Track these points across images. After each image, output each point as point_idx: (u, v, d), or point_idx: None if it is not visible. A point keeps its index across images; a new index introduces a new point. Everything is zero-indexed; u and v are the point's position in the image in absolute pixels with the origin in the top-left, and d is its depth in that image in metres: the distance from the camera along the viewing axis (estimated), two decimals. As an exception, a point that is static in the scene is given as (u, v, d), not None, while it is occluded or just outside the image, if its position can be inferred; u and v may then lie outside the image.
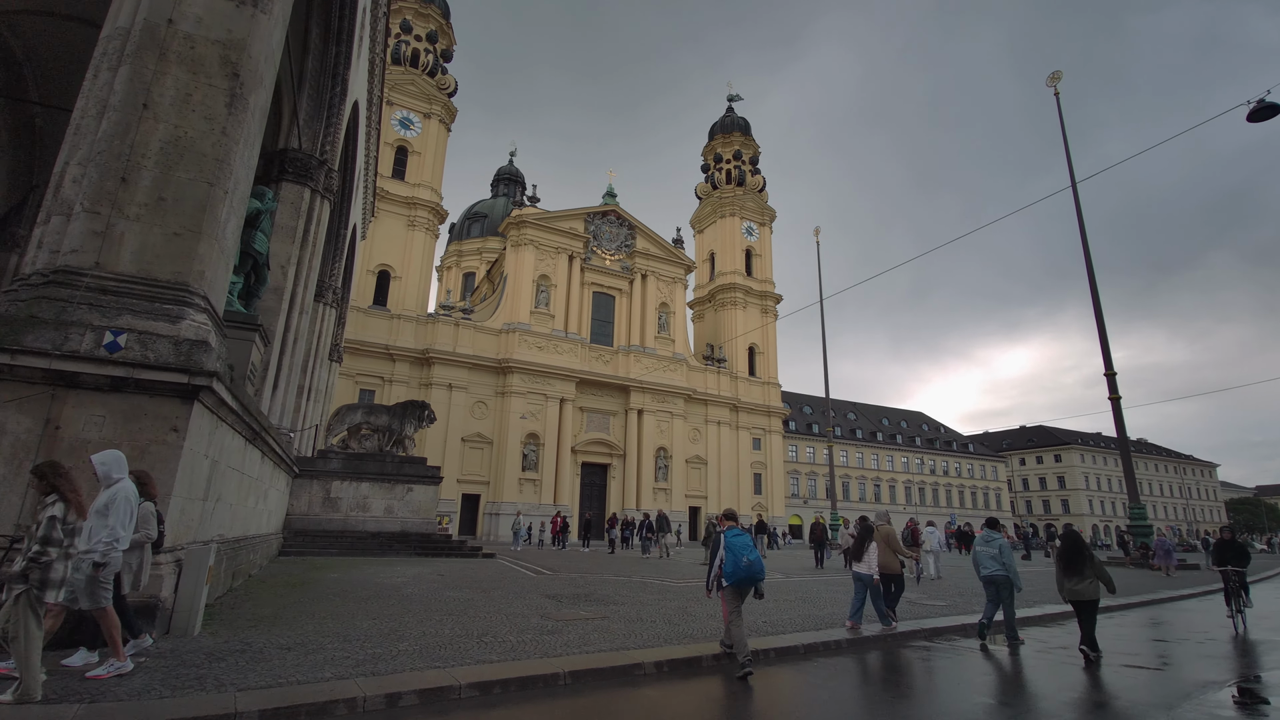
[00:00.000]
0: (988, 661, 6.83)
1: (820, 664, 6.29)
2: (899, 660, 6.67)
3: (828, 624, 7.92)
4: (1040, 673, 6.33)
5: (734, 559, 5.98)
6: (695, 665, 5.71)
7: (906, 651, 7.13)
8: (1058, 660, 6.90)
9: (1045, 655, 7.21)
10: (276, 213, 15.22)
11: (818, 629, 7.53)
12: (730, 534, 6.25)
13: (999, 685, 5.84)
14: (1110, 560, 24.97)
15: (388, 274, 44.07)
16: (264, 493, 10.90)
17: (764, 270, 62.05)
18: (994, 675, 6.23)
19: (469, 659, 5.19)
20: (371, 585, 9.35)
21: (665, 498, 49.40)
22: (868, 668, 6.28)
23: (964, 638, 8.15)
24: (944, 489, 69.09)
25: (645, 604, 8.99)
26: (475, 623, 6.77)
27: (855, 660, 6.55)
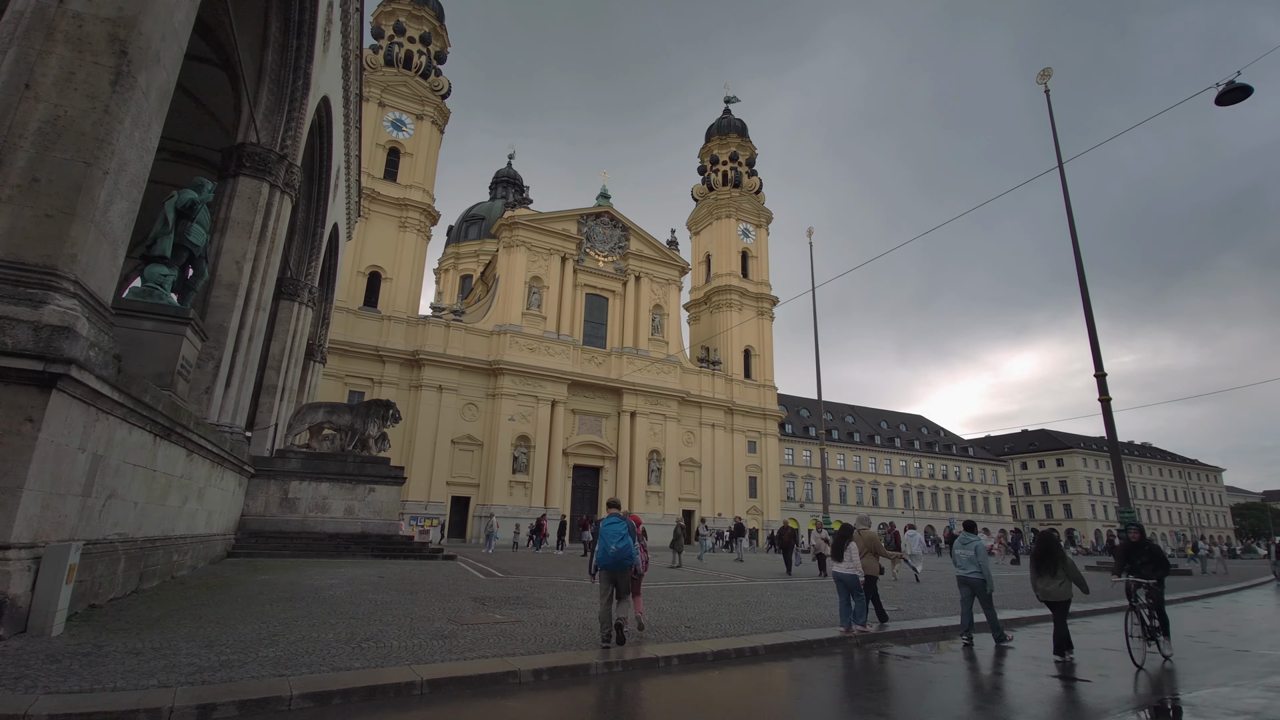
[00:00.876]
0: (921, 666, 6.42)
1: (728, 673, 5.89)
2: (813, 667, 6.27)
3: (760, 629, 7.51)
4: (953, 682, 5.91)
5: (603, 547, 6.57)
6: (579, 673, 5.33)
7: (826, 659, 6.71)
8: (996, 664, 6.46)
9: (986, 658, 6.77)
10: (234, 207, 15.09)
11: (742, 635, 7.12)
12: (605, 523, 6.82)
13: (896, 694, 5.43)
14: (1100, 565, 24.38)
15: (379, 275, 43.90)
16: (197, 492, 10.58)
17: (760, 272, 61.64)
18: (906, 683, 5.82)
19: (330, 666, 4.83)
20: (297, 588, 9.01)
21: (658, 501, 48.98)
22: (772, 676, 5.88)
23: (900, 644, 7.72)
24: (943, 493, 68.27)
25: (574, 608, 8.61)
26: (370, 628, 6.41)
27: (764, 668, 6.14)
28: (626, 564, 6.49)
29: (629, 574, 6.67)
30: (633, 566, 6.66)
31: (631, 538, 6.82)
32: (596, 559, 6.65)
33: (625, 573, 6.58)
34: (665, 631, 7.12)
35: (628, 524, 6.94)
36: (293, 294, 23.33)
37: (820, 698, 5.24)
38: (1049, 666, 6.68)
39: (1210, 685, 6.01)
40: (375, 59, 47.11)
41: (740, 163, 64.20)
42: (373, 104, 45.80)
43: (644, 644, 6.34)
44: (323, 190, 23.36)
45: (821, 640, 7.14)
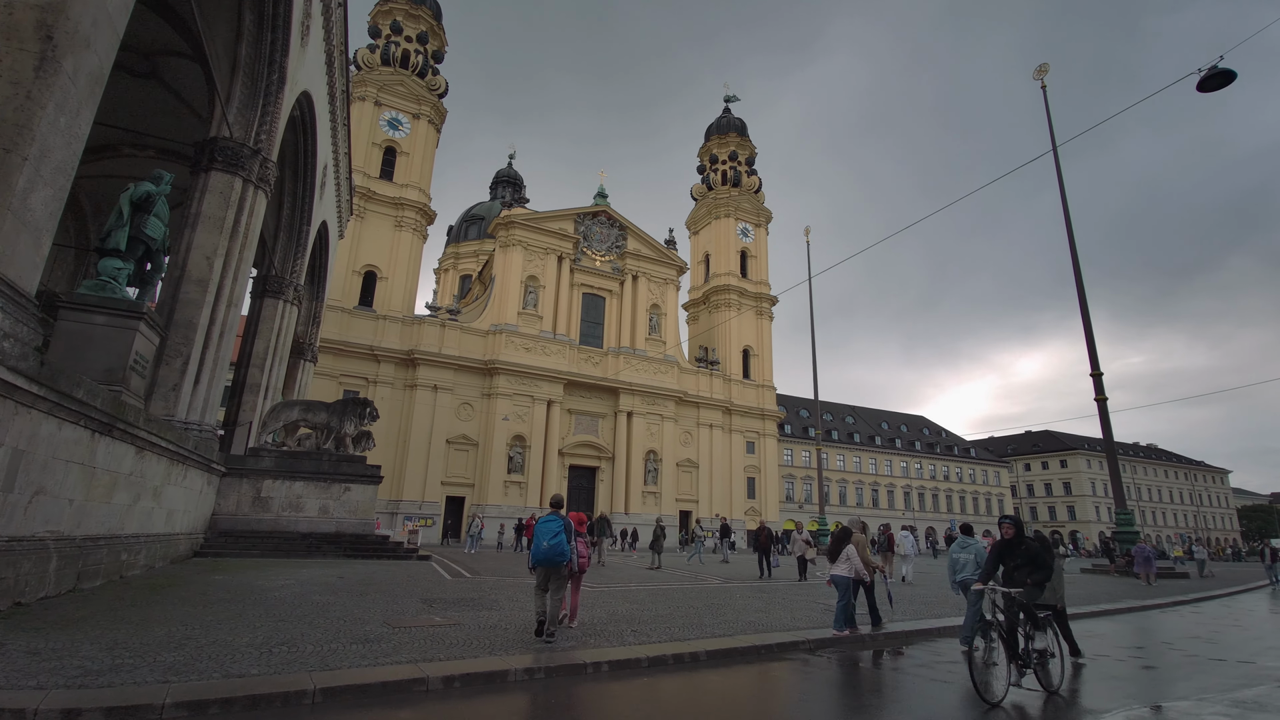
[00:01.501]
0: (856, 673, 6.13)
1: (660, 680, 5.62)
2: (755, 674, 5.99)
3: (711, 634, 7.23)
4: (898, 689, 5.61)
5: (537, 543, 6.83)
6: (495, 680, 5.06)
7: (774, 665, 6.43)
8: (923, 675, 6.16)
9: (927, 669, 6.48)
10: (205, 202, 14.92)
11: (688, 639, 6.85)
12: (541, 521, 7.05)
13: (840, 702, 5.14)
14: (1095, 568, 23.97)
15: (374, 275, 43.81)
16: (152, 490, 10.38)
17: (759, 272, 61.31)
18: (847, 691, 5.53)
19: (225, 673, 4.59)
20: (245, 589, 8.80)
21: (655, 501, 48.71)
22: (706, 683, 5.61)
23: (861, 648, 7.43)
24: (944, 494, 67.69)
25: (526, 609, 8.37)
26: (292, 631, 6.16)
27: (701, 675, 5.86)
28: (558, 560, 6.75)
29: (563, 570, 6.92)
30: (566, 563, 6.88)
31: (566, 535, 7.01)
32: (531, 555, 6.95)
33: (559, 568, 6.85)
34: (607, 635, 6.86)
35: (564, 522, 7.16)
36: (277, 292, 23.20)
37: (751, 710, 4.96)
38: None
39: (1173, 698, 5.70)
40: (372, 58, 47.10)
41: (740, 162, 63.89)
42: (369, 103, 45.79)
43: (576, 649, 6.07)
44: (308, 187, 23.20)
45: (771, 645, 6.86)
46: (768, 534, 17.35)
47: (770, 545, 16.85)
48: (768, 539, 17.09)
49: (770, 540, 17.08)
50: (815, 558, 15.19)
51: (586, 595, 9.92)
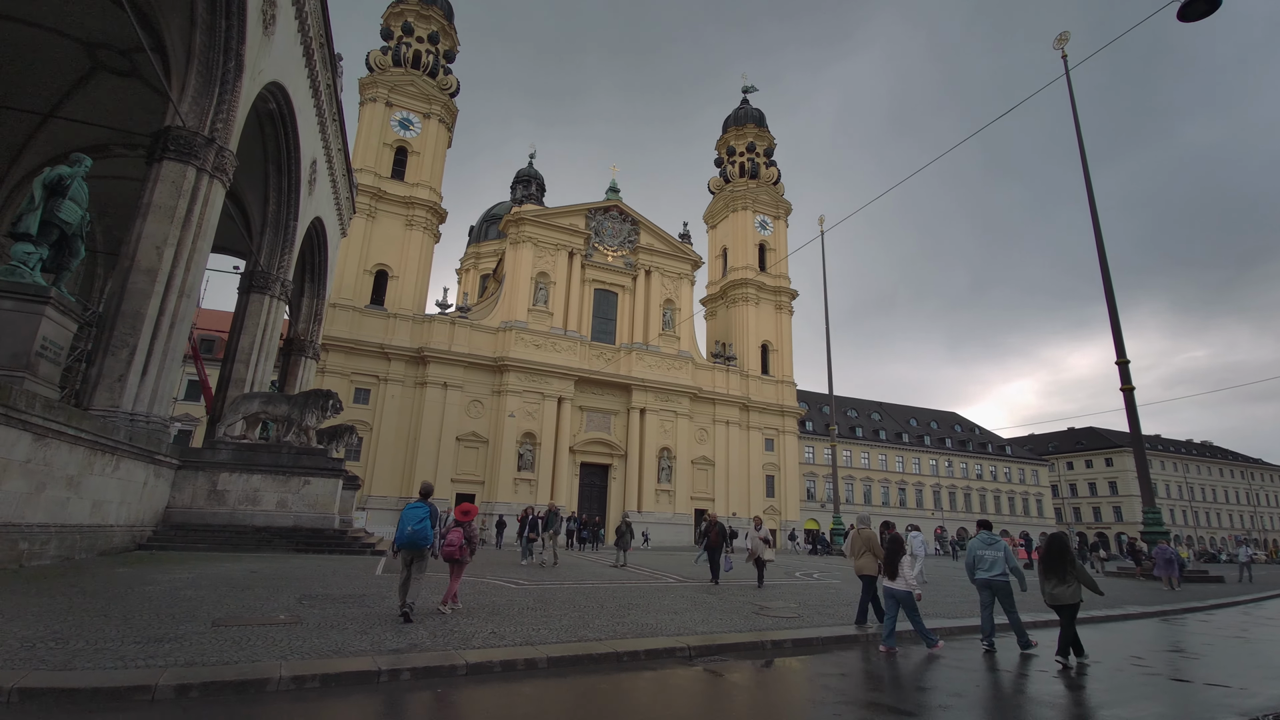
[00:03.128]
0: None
1: (467, 690, 4.87)
2: (601, 684, 5.17)
3: (588, 637, 6.42)
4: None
5: (401, 527, 7.25)
6: (247, 690, 4.37)
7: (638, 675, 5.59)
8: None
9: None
10: (156, 192, 14.77)
11: (540, 643, 6.06)
12: (408, 507, 7.44)
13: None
14: (1120, 571, 22.12)
15: (385, 274, 44.11)
16: (63, 479, 10.11)
17: (778, 265, 59.74)
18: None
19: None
20: (137, 582, 8.39)
21: (669, 500, 47.87)
22: (520, 691, 4.83)
23: (805, 653, 6.52)
24: (978, 494, 64.80)
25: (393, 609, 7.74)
26: (98, 627, 5.54)
27: (533, 684, 5.08)
28: (420, 544, 7.20)
29: (425, 553, 7.40)
30: (428, 547, 7.32)
31: (430, 522, 7.42)
32: (395, 538, 7.41)
33: (421, 551, 7.31)
34: (457, 635, 6.13)
35: (429, 509, 7.54)
36: (263, 287, 23.22)
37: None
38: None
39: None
40: (384, 60, 47.53)
41: (758, 153, 62.49)
42: (380, 104, 46.21)
43: (407, 651, 5.35)
44: (293, 182, 23.14)
45: (637, 652, 6.01)
46: (719, 531, 14.30)
47: (722, 543, 14.19)
48: (719, 536, 14.17)
49: (723, 538, 14.29)
50: (774, 558, 13.19)
51: (497, 591, 9.27)
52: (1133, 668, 6.93)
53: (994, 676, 6.24)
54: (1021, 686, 5.87)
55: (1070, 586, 6.92)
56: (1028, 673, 6.47)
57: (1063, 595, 6.93)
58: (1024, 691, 5.66)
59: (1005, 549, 7.72)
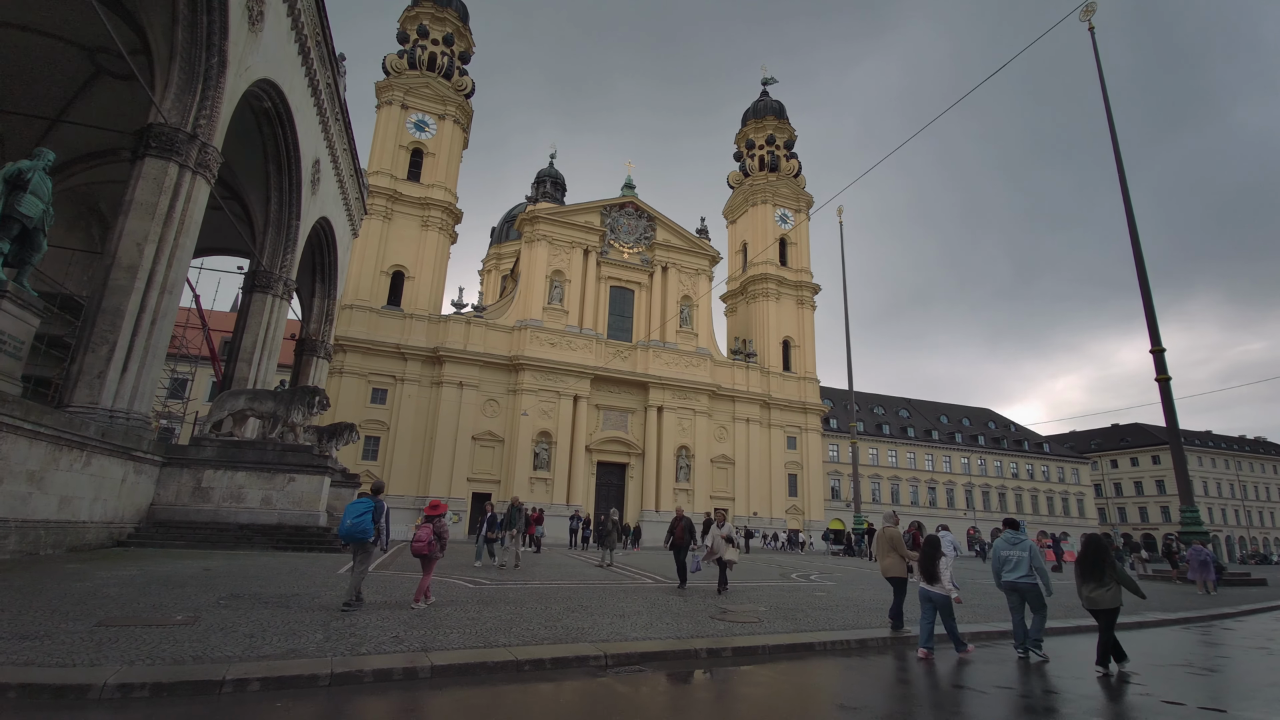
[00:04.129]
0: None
1: (303, 703, 4.36)
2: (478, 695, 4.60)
3: (494, 644, 5.87)
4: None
5: (344, 520, 7.80)
6: (68, 695, 3.95)
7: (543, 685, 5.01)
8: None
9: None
10: (138, 189, 14.79)
11: (440, 649, 5.53)
12: (353, 502, 7.94)
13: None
14: (1156, 574, 20.62)
15: (402, 274, 44.40)
16: (23, 474, 10.03)
17: (800, 259, 58.44)
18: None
19: None
20: (69, 579, 8.16)
21: (687, 499, 47.07)
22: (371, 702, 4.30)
23: (689, 664, 5.86)
24: (1013, 493, 62.24)
25: (322, 603, 7.28)
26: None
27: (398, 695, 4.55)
28: (359, 536, 7.75)
29: (368, 546, 7.92)
30: (372, 540, 7.89)
31: (372, 516, 7.85)
32: (339, 530, 7.96)
33: (363, 544, 7.85)
34: (357, 641, 5.65)
35: (373, 505, 7.95)
36: (266, 286, 23.37)
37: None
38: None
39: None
40: (399, 63, 47.93)
41: (778, 146, 61.25)
42: (395, 107, 46.59)
43: (230, 662, 4.88)
44: (294, 181, 23.22)
45: (542, 660, 5.43)
46: (685, 527, 12.73)
47: (689, 542, 12.65)
48: (685, 534, 12.58)
49: (690, 535, 12.73)
50: (738, 558, 11.55)
51: (450, 590, 8.82)
52: (1127, 685, 6.06)
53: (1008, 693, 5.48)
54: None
55: (1109, 590, 6.61)
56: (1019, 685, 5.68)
57: (1101, 599, 6.62)
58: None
59: (1031, 549, 7.36)
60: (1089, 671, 6.50)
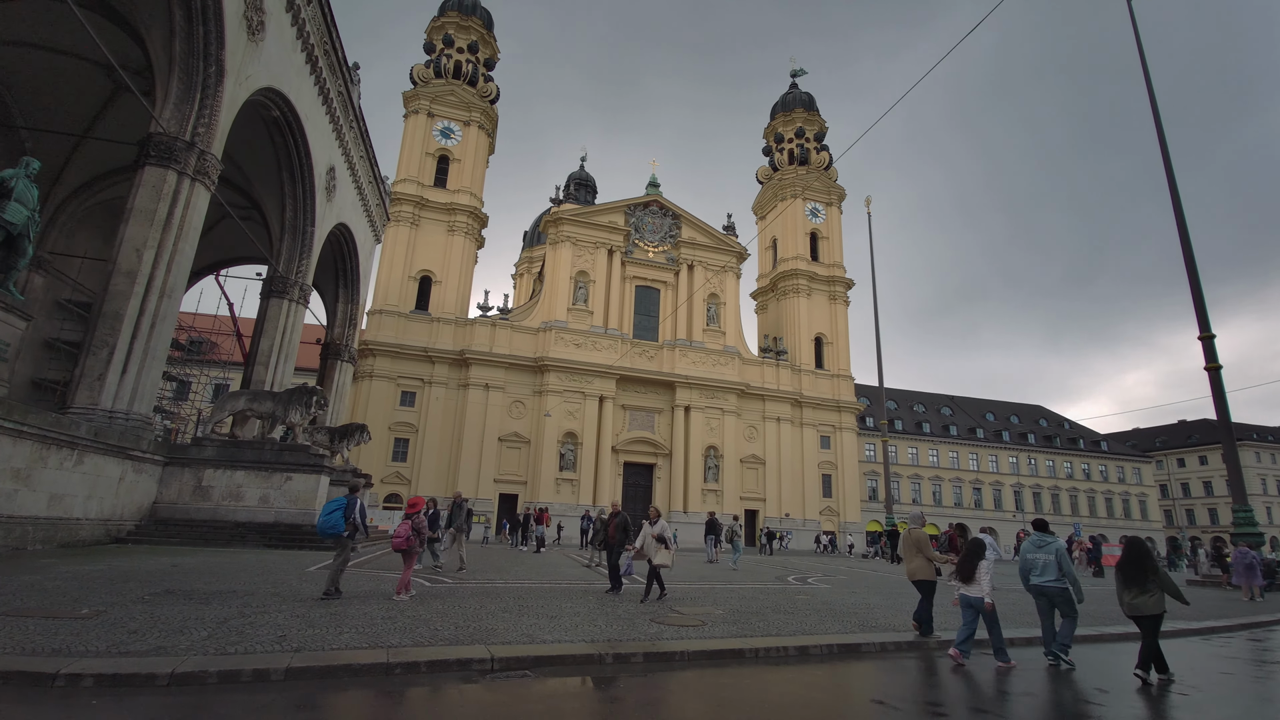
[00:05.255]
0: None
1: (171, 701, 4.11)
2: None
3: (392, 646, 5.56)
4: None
5: (320, 517, 8.45)
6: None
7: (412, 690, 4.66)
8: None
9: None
10: (138, 196, 15.24)
11: (322, 650, 5.26)
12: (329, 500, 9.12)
13: None
14: (1205, 579, 18.90)
15: (429, 279, 45.17)
16: (16, 473, 10.41)
17: (832, 254, 56.87)
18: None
19: None
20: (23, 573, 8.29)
21: (716, 500, 46.27)
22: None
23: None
24: (1068, 494, 58.87)
25: (267, 597, 7.14)
26: None
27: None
28: (330, 531, 8.33)
29: (342, 540, 8.52)
30: (344, 533, 8.39)
31: (344, 512, 8.35)
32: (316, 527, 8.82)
33: (338, 538, 8.50)
34: (245, 637, 5.43)
35: (346, 502, 8.45)
36: (282, 292, 23.91)
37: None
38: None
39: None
40: (426, 73, 48.85)
41: (807, 138, 59.81)
42: (422, 115, 47.50)
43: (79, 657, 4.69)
44: (308, 189, 23.72)
45: (417, 663, 5.08)
46: (619, 525, 11.01)
47: (623, 542, 10.95)
48: (619, 533, 10.91)
49: (624, 534, 10.97)
50: (671, 561, 9.96)
51: (415, 588, 8.63)
52: (1097, 704, 5.30)
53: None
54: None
55: (1152, 595, 6.37)
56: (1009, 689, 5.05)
57: (1143, 605, 6.37)
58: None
59: (1059, 551, 7.08)
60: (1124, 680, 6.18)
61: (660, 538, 9.89)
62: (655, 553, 9.70)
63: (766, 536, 37.86)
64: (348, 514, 8.46)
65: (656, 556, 9.60)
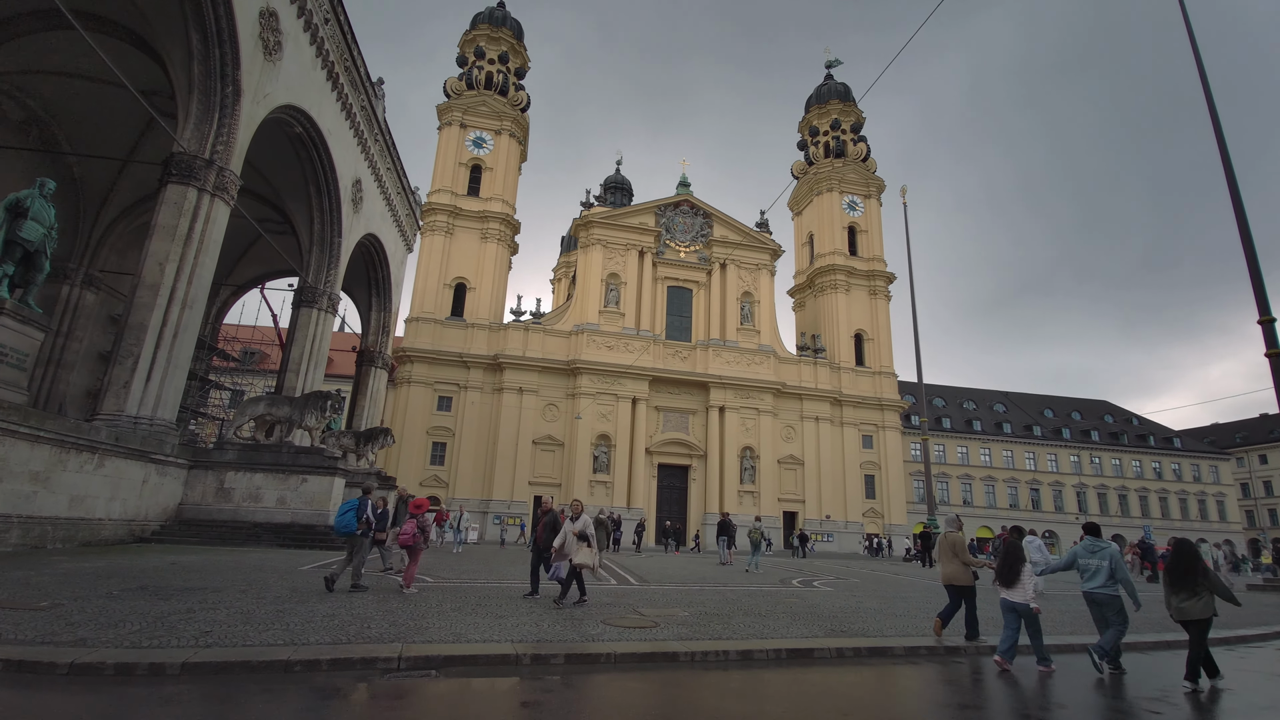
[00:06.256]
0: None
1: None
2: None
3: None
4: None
5: (337, 516, 9.37)
6: None
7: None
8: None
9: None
10: (160, 213, 16.05)
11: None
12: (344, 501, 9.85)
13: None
14: (1266, 584, 17.22)
15: (464, 286, 46.12)
16: (34, 475, 11.05)
17: (871, 247, 55.17)
18: None
19: None
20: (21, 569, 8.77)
21: (753, 501, 45.47)
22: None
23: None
24: (1136, 494, 55.11)
25: (236, 595, 7.29)
26: None
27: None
28: (344, 530, 9.22)
29: (356, 538, 9.27)
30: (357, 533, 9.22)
31: (355, 513, 9.19)
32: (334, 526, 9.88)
33: (352, 536, 9.26)
34: (118, 629, 5.53)
35: (358, 503, 9.32)
36: (311, 301, 24.82)
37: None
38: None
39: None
40: (459, 85, 50.03)
41: (843, 130, 58.29)
42: (455, 127, 48.63)
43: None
44: (334, 202, 24.57)
45: (318, 660, 5.03)
46: (547, 524, 9.78)
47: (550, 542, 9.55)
48: (546, 532, 9.66)
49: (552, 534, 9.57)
50: (596, 566, 9.11)
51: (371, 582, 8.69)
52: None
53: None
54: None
55: (1201, 600, 6.18)
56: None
57: (1191, 610, 6.19)
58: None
59: (1113, 556, 6.83)
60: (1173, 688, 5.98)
61: (583, 535, 8.96)
62: (576, 550, 8.87)
63: (799, 539, 36.85)
64: (360, 514, 9.31)
65: (577, 555, 8.80)
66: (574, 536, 8.91)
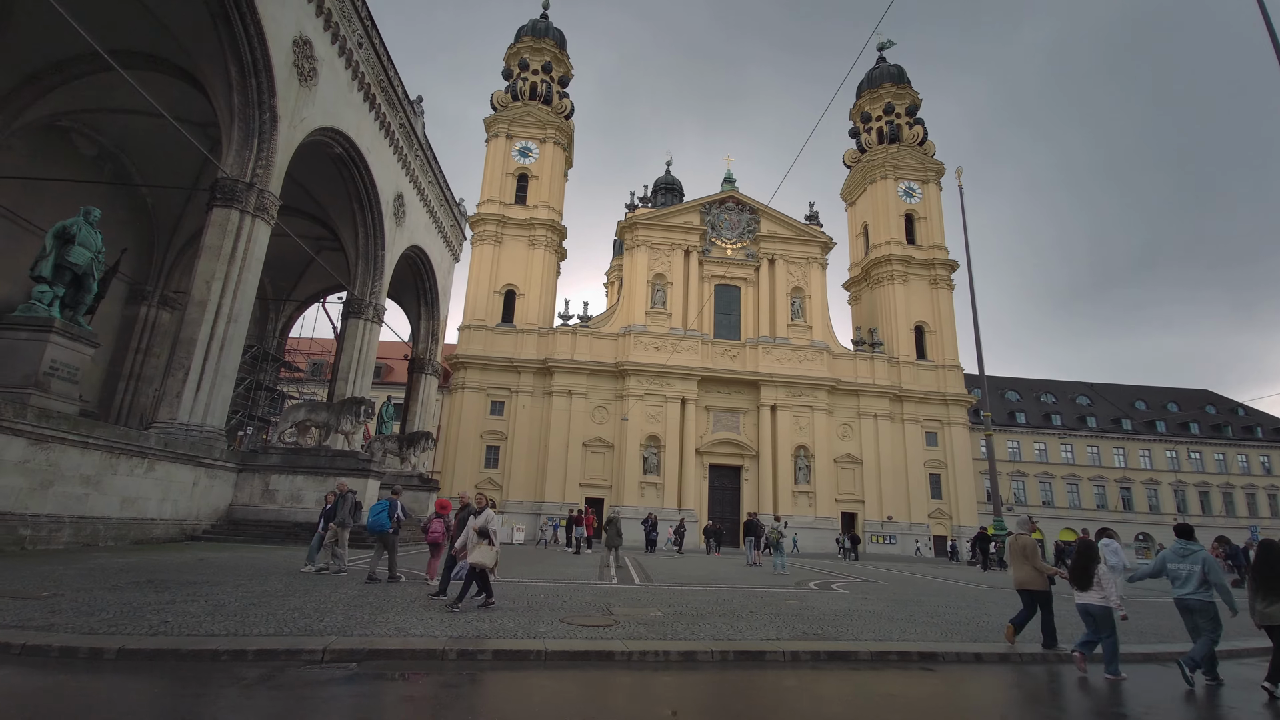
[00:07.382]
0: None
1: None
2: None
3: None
4: None
5: (370, 516, 10.40)
6: None
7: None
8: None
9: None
10: (207, 235, 17.25)
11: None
12: (375, 503, 10.67)
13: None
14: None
15: (514, 293, 47.24)
16: (77, 477, 12.02)
17: (931, 235, 52.60)
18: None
19: None
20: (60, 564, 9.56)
21: (808, 502, 44.24)
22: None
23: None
24: (1243, 492, 49.79)
25: (226, 593, 7.68)
26: None
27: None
28: (377, 529, 10.17)
29: (388, 535, 10.22)
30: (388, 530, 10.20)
31: (388, 513, 10.28)
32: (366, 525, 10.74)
33: (383, 535, 10.21)
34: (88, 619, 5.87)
35: (388, 504, 10.41)
36: (357, 312, 26.06)
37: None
38: None
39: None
40: (504, 97, 51.39)
41: (898, 114, 55.91)
42: (501, 138, 49.96)
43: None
44: (376, 216, 25.72)
45: (244, 651, 5.19)
46: (463, 520, 8.76)
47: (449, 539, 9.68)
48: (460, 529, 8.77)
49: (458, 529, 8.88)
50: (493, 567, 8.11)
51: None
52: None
53: None
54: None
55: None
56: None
57: (1276, 615, 5.97)
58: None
59: (1206, 560, 6.51)
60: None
61: (483, 531, 8.12)
62: (474, 548, 8.10)
63: (850, 541, 35.37)
64: (391, 514, 10.34)
65: (473, 554, 8.03)
66: (474, 533, 8.17)
